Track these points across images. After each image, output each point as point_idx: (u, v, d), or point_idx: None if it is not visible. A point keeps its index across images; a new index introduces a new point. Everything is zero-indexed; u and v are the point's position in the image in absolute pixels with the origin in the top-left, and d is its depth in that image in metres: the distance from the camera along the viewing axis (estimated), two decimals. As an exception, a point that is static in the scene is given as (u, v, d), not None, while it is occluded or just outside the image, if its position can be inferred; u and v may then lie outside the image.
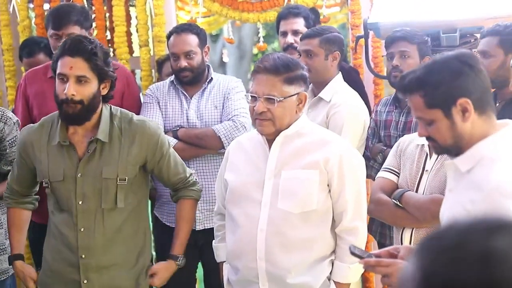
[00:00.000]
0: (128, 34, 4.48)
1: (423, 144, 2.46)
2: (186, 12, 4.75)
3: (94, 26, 4.02)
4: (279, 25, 3.62)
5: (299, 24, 3.54)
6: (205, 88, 3.29)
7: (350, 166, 2.33)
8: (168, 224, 3.19)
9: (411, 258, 0.83)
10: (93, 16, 4.18)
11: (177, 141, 3.16)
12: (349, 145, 2.48)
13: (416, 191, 2.45)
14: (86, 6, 4.03)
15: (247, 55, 11.23)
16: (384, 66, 3.63)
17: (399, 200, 2.45)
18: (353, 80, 3.32)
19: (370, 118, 3.21)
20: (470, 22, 3.09)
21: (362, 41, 3.50)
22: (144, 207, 2.65)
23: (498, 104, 2.83)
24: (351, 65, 3.89)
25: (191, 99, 3.27)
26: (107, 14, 4.50)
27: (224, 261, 2.55)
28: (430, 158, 2.43)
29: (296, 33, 3.48)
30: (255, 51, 10.91)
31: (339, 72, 3.18)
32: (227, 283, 2.51)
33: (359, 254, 1.81)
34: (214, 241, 2.64)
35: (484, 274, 0.75)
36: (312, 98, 3.15)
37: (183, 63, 3.21)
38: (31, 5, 4.36)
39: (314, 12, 3.95)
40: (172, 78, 3.33)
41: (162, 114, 3.26)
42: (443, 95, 1.69)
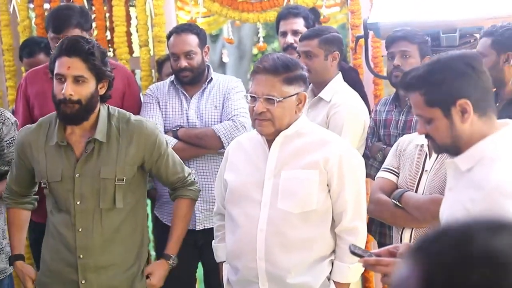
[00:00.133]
0: (128, 34, 4.48)
1: (423, 144, 2.46)
2: (186, 12, 4.75)
3: (94, 26, 4.02)
4: (278, 25, 3.62)
5: (299, 24, 3.54)
6: (205, 88, 3.29)
7: (350, 166, 2.33)
8: (169, 224, 3.17)
9: (408, 259, 0.81)
10: (93, 16, 4.19)
11: (177, 141, 3.17)
12: (348, 145, 2.49)
13: (416, 191, 2.45)
14: (86, 6, 4.04)
15: (247, 55, 11.22)
16: (384, 66, 3.63)
17: (398, 200, 2.45)
18: (352, 80, 3.32)
19: (370, 118, 3.21)
20: (470, 22, 3.09)
21: (362, 41, 3.50)
22: (142, 207, 2.65)
23: (498, 104, 2.84)
24: (351, 65, 3.89)
25: (191, 99, 3.28)
26: (107, 14, 4.50)
27: (224, 261, 2.55)
28: (430, 158, 2.44)
29: (295, 33, 3.48)
30: (255, 51, 10.89)
31: (339, 72, 3.18)
32: (227, 283, 2.51)
33: (359, 253, 1.82)
34: (213, 241, 2.64)
35: (489, 275, 0.74)
36: (312, 98, 3.15)
37: (183, 63, 3.21)
38: (31, 5, 4.36)
39: (314, 12, 3.95)
40: (172, 78, 3.33)
41: (162, 114, 3.26)
42: (443, 95, 1.69)
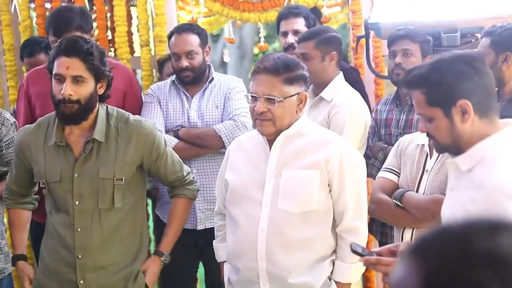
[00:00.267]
0: (129, 34, 4.48)
1: (423, 144, 2.46)
2: (187, 12, 4.74)
3: (95, 26, 4.03)
4: (279, 25, 3.61)
5: (300, 24, 3.54)
6: (206, 88, 3.29)
7: (351, 166, 2.33)
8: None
9: (407, 258, 0.80)
10: (94, 16, 4.19)
11: (178, 140, 3.17)
12: (349, 145, 2.48)
13: (417, 191, 2.45)
14: (87, 6, 4.04)
15: (248, 55, 11.21)
16: (385, 66, 3.63)
17: (399, 200, 2.45)
18: (353, 80, 3.31)
19: (371, 118, 3.20)
20: (470, 22, 3.09)
21: (363, 41, 3.50)
22: (141, 207, 2.65)
23: (498, 104, 2.84)
24: (352, 65, 3.89)
25: (192, 98, 3.28)
26: (108, 14, 4.50)
27: (225, 261, 2.55)
28: (431, 158, 2.43)
29: (296, 33, 3.47)
30: (256, 51, 10.88)
31: (340, 72, 3.17)
32: (227, 283, 2.51)
33: (360, 252, 1.82)
34: (214, 241, 2.64)
35: (490, 275, 0.73)
36: (314, 98, 3.15)
37: (184, 63, 3.21)
38: (32, 5, 4.37)
39: (316, 11, 3.95)
40: (173, 78, 3.34)
41: (163, 114, 3.26)
42: (444, 95, 1.70)
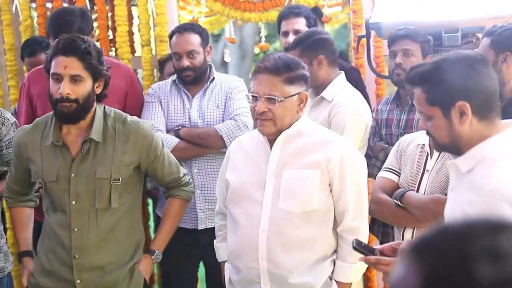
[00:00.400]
0: (130, 34, 4.48)
1: (424, 144, 2.46)
2: (188, 11, 4.74)
3: (96, 26, 4.03)
4: (280, 25, 3.61)
5: (300, 24, 3.53)
6: (207, 88, 3.29)
7: (351, 166, 2.33)
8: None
9: (407, 257, 0.80)
10: (95, 15, 4.19)
11: (179, 140, 3.17)
12: (350, 145, 2.48)
13: (417, 191, 2.44)
14: (88, 6, 4.04)
15: (249, 55, 11.22)
16: (386, 65, 3.63)
17: (400, 200, 2.45)
18: (354, 80, 3.30)
19: (372, 118, 3.20)
20: (471, 22, 3.09)
21: (364, 40, 3.50)
22: (138, 207, 2.65)
23: (499, 104, 2.83)
24: (353, 64, 3.89)
25: (193, 98, 3.28)
26: (109, 14, 4.50)
27: (226, 260, 2.55)
28: (431, 157, 2.43)
29: (297, 33, 3.46)
30: (256, 50, 10.90)
31: (342, 72, 3.15)
32: (228, 283, 2.51)
33: (362, 250, 1.81)
34: (215, 240, 2.64)
35: (491, 275, 0.73)
36: (314, 98, 3.14)
37: (186, 62, 3.21)
38: (33, 4, 4.37)
39: (317, 11, 3.94)
40: (174, 77, 3.34)
41: (164, 114, 3.26)
42: (443, 95, 1.70)
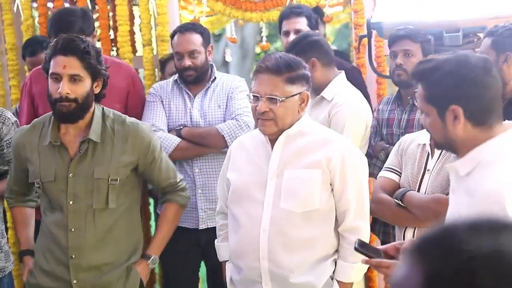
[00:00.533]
0: (131, 33, 4.47)
1: (424, 144, 2.46)
2: (189, 11, 4.74)
3: (97, 26, 4.02)
4: (281, 24, 3.61)
5: (301, 23, 3.53)
6: (208, 87, 3.29)
7: (352, 165, 2.33)
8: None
9: (409, 257, 0.80)
10: (96, 15, 4.19)
11: (180, 140, 3.17)
12: (351, 144, 2.48)
13: (418, 190, 2.45)
14: (89, 5, 4.04)
15: (250, 55, 11.23)
16: (387, 65, 3.63)
17: (401, 200, 2.45)
18: (355, 79, 3.30)
19: (372, 117, 3.20)
20: (473, 22, 3.08)
21: (365, 40, 3.50)
22: (137, 209, 2.65)
23: (500, 109, 2.83)
24: (354, 64, 3.89)
25: (194, 98, 3.28)
26: (111, 13, 4.50)
27: (227, 260, 2.55)
28: (432, 157, 2.43)
29: (298, 32, 3.46)
30: (257, 50, 10.90)
31: (342, 72, 3.15)
32: (230, 283, 2.51)
33: (364, 251, 1.80)
34: (216, 240, 2.64)
35: (494, 276, 0.73)
36: (315, 97, 3.14)
37: (187, 62, 3.21)
38: (34, 4, 4.37)
39: (318, 11, 3.94)
40: (176, 77, 3.34)
41: (166, 113, 3.26)
42: (439, 97, 1.72)
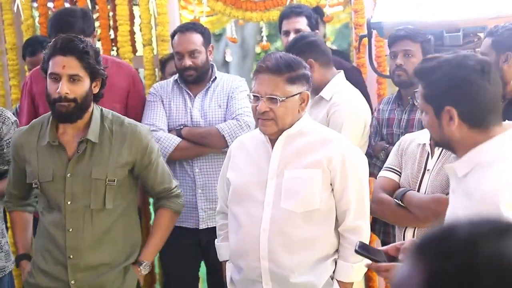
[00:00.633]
0: (132, 33, 4.48)
1: (424, 144, 2.46)
2: (189, 11, 4.74)
3: (97, 26, 4.02)
4: (281, 24, 3.61)
5: (302, 23, 3.53)
6: (209, 87, 3.29)
7: (353, 165, 2.33)
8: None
9: (411, 257, 0.80)
10: (96, 15, 4.19)
11: (180, 139, 3.17)
12: (351, 144, 2.48)
13: (418, 190, 2.45)
14: (89, 5, 4.04)
15: (250, 54, 11.24)
16: (387, 65, 3.63)
17: (401, 200, 2.45)
18: (355, 79, 3.30)
19: (372, 117, 3.20)
20: (473, 21, 3.08)
21: (366, 40, 3.50)
22: (134, 211, 2.64)
23: (501, 103, 2.83)
24: (354, 64, 3.89)
25: (195, 98, 3.28)
26: (111, 13, 4.51)
27: (227, 260, 2.55)
28: (432, 157, 2.43)
29: (298, 32, 3.46)
30: (258, 50, 10.91)
31: (341, 71, 3.15)
32: (230, 282, 2.51)
33: (364, 254, 1.79)
34: (216, 240, 2.64)
35: (496, 279, 0.73)
36: (314, 97, 3.14)
37: (188, 62, 3.21)
38: (35, 4, 4.37)
39: (318, 10, 3.94)
40: (176, 77, 3.34)
41: (166, 113, 3.26)
42: (436, 97, 1.73)
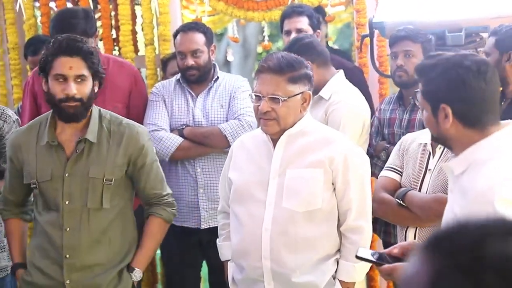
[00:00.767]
0: (134, 33, 4.49)
1: (426, 143, 2.46)
2: (191, 11, 4.75)
3: (99, 25, 4.03)
4: (283, 24, 3.61)
5: (303, 23, 3.53)
6: (211, 87, 3.29)
7: (355, 165, 2.33)
8: (173, 223, 3.18)
9: (419, 255, 0.79)
10: (98, 14, 4.20)
11: (182, 139, 3.17)
12: (353, 143, 2.48)
13: (419, 190, 2.45)
14: (91, 5, 4.05)
15: (252, 54, 11.23)
16: (389, 65, 3.63)
17: (402, 199, 2.45)
18: (356, 79, 3.30)
19: (374, 117, 3.20)
20: (475, 21, 3.08)
21: (368, 40, 3.50)
22: (130, 211, 2.63)
23: (503, 103, 2.83)
24: (356, 64, 3.89)
25: (197, 97, 3.28)
26: (113, 13, 4.51)
27: (229, 259, 2.55)
28: (433, 157, 2.43)
29: (300, 31, 3.46)
30: (259, 50, 10.90)
31: (340, 71, 3.14)
32: (232, 282, 2.51)
33: (366, 259, 1.78)
34: (218, 239, 2.64)
35: (500, 281, 0.72)
36: (313, 97, 3.12)
37: (190, 61, 3.21)
38: (37, 3, 4.38)
39: (320, 10, 3.94)
40: (178, 76, 3.34)
41: (168, 113, 3.26)
42: (432, 94, 1.76)
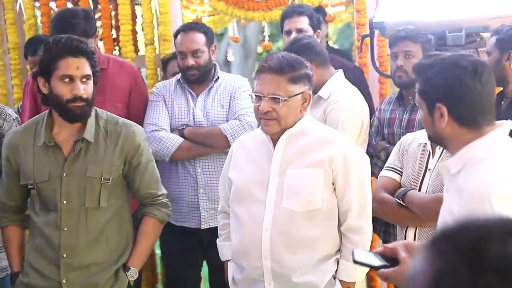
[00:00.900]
0: (134, 33, 4.49)
1: (426, 143, 2.46)
2: (191, 11, 4.75)
3: (99, 25, 4.03)
4: (283, 24, 3.61)
5: (303, 22, 3.53)
6: (211, 87, 3.29)
7: (355, 164, 2.33)
8: (173, 223, 3.20)
9: (423, 253, 0.80)
10: (98, 14, 4.20)
11: (183, 139, 3.17)
12: (353, 143, 2.48)
13: (419, 190, 2.45)
14: (91, 5, 4.05)
15: (252, 54, 11.24)
16: (389, 65, 3.63)
17: (402, 199, 2.45)
18: (357, 79, 3.30)
19: (374, 117, 3.20)
20: (475, 21, 3.09)
21: (368, 40, 3.50)
22: (127, 210, 2.63)
23: (503, 103, 2.83)
24: (357, 64, 3.89)
25: (197, 97, 3.28)
26: (113, 13, 4.51)
27: (229, 259, 2.55)
28: (433, 156, 2.43)
29: (300, 31, 3.46)
30: (260, 50, 10.91)
31: (339, 70, 3.14)
32: (232, 282, 2.51)
33: (363, 262, 1.77)
34: (218, 239, 2.64)
35: (500, 281, 0.72)
36: (313, 96, 3.12)
37: (190, 61, 3.21)
38: (37, 3, 4.38)
39: (320, 10, 3.94)
40: (179, 76, 3.33)
41: (168, 113, 3.26)
42: (428, 93, 1.77)
